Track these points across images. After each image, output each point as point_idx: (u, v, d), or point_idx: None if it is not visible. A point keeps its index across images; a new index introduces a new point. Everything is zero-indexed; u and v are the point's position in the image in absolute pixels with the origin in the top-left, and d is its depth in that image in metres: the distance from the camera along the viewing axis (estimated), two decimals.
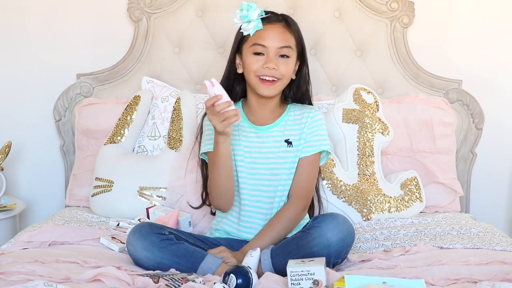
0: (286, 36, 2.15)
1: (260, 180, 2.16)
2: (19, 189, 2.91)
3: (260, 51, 2.12)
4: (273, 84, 2.13)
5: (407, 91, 2.75)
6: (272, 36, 2.12)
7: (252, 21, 2.11)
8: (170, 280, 1.80)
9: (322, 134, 2.20)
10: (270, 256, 1.96)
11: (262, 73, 2.12)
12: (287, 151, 2.16)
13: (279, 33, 2.14)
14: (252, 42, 2.13)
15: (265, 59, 2.12)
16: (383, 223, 2.39)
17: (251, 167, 2.16)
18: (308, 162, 2.17)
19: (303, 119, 2.19)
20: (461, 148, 2.78)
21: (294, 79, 2.22)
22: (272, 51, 2.12)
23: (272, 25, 2.14)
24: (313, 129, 2.18)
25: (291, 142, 2.17)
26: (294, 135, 2.17)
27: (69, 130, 2.81)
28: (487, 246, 2.09)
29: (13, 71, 2.87)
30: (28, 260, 1.90)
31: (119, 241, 2.14)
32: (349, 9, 2.76)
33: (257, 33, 2.12)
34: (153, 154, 2.59)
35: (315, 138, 2.18)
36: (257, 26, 2.11)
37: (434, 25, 2.81)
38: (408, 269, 1.89)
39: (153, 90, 2.67)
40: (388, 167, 2.59)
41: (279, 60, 2.12)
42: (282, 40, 2.13)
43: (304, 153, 2.17)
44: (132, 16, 2.78)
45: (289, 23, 2.18)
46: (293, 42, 2.16)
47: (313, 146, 2.17)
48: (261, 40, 2.12)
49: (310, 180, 2.19)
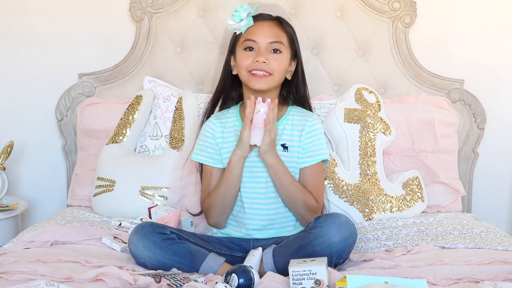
0: (277, 32, 2.17)
1: (259, 183, 2.16)
2: (21, 189, 2.92)
3: (251, 46, 2.14)
4: (264, 78, 2.13)
5: (409, 91, 2.75)
6: (263, 31, 2.15)
7: (243, 20, 2.13)
8: (172, 279, 1.80)
9: (321, 144, 2.20)
10: (272, 255, 1.96)
11: (253, 67, 2.13)
12: (282, 156, 2.15)
13: (270, 28, 2.17)
14: (244, 38, 2.16)
15: (255, 54, 2.13)
16: (385, 223, 2.39)
17: (249, 170, 2.15)
18: (311, 171, 2.17)
19: (302, 126, 2.19)
20: (463, 148, 2.78)
21: (290, 80, 2.23)
22: (263, 46, 2.14)
23: (264, 21, 2.18)
24: (311, 138, 2.18)
25: (287, 147, 2.17)
26: (291, 141, 2.18)
27: (71, 130, 2.81)
28: (489, 246, 2.09)
29: (15, 71, 2.87)
30: (30, 259, 1.90)
31: (121, 241, 2.14)
32: (351, 8, 2.76)
33: (248, 29, 2.16)
34: (155, 154, 2.59)
35: (315, 148, 2.18)
36: (248, 23, 2.14)
37: (436, 25, 2.81)
38: (410, 269, 1.89)
39: (155, 89, 2.67)
40: (389, 167, 2.59)
41: (270, 55, 2.14)
42: (272, 35, 2.15)
43: (305, 163, 2.17)
44: (134, 16, 2.78)
45: (281, 22, 2.21)
46: (284, 39, 2.18)
47: (314, 156, 2.17)
48: (252, 36, 2.14)
49: (317, 186, 2.18)
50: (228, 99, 2.28)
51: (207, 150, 2.22)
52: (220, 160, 2.20)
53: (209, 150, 2.21)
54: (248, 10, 2.15)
